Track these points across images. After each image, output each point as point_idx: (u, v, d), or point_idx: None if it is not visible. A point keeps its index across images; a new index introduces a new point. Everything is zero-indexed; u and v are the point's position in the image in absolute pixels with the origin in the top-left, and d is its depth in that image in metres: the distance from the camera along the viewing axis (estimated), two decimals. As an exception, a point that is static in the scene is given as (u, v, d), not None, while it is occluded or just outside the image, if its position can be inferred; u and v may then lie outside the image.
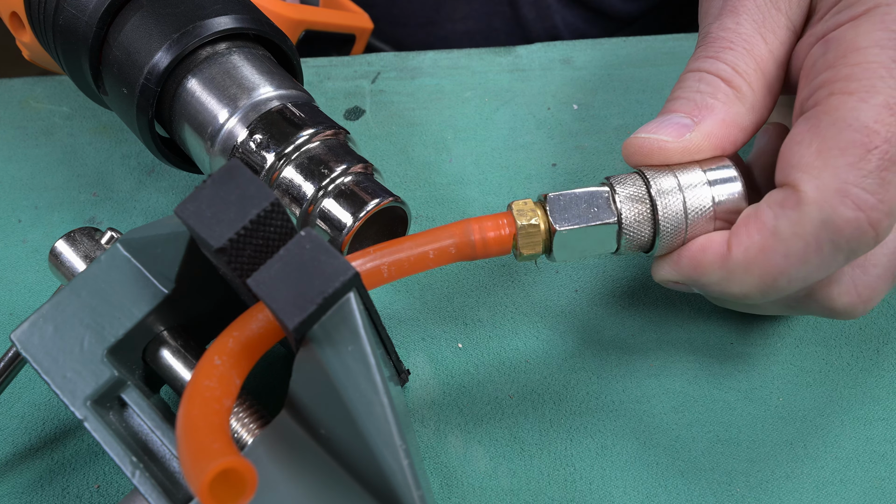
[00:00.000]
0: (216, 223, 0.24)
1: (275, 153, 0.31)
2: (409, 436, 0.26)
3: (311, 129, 0.32)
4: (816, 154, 0.28)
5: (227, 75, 0.33)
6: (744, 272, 0.29)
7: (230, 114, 0.32)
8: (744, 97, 0.31)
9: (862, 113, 0.27)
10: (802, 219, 0.27)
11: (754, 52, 0.31)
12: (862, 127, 0.27)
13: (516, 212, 0.30)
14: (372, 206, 0.31)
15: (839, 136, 0.27)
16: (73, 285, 0.28)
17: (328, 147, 0.32)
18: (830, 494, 0.33)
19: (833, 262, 0.28)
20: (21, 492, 0.33)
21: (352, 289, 0.24)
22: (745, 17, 0.31)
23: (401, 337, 0.36)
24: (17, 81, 0.44)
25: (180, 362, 0.29)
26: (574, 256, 0.31)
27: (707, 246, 0.30)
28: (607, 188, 0.31)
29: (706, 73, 0.31)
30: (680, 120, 0.31)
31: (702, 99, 0.31)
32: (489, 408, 0.35)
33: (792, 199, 0.28)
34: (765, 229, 0.28)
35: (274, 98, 0.33)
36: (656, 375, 0.36)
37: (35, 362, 0.27)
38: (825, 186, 0.27)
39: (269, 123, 0.32)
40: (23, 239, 0.39)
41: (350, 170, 0.31)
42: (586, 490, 0.33)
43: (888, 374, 0.36)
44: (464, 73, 0.45)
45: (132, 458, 0.26)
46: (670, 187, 0.30)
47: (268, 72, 0.33)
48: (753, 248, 0.29)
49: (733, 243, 0.29)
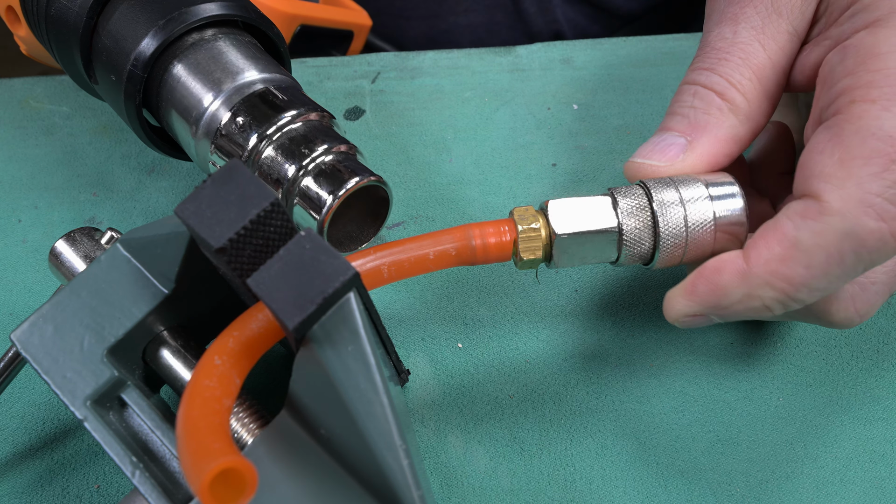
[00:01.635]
0: (216, 223, 0.24)
1: (257, 134, 0.31)
2: (409, 436, 0.26)
3: (294, 111, 0.32)
4: (839, 164, 0.27)
5: (212, 60, 0.33)
6: (765, 285, 0.28)
7: (214, 97, 0.32)
8: (738, 109, 0.31)
9: (886, 122, 0.27)
10: (825, 229, 0.27)
11: (751, 61, 0.31)
12: (886, 136, 0.27)
13: (517, 217, 0.30)
14: (352, 184, 0.31)
15: (862, 146, 0.27)
16: (73, 285, 0.28)
17: (310, 129, 0.32)
18: (830, 494, 0.33)
19: (853, 273, 0.28)
20: (21, 492, 0.33)
21: (352, 289, 0.24)
22: (743, 25, 0.32)
23: (401, 337, 0.36)
24: (17, 81, 0.44)
25: (180, 362, 0.29)
26: (574, 263, 0.31)
27: (721, 267, 0.29)
28: (609, 198, 0.31)
29: (700, 86, 0.32)
30: (674, 140, 0.31)
31: (695, 116, 0.31)
32: (489, 408, 0.35)
33: (813, 209, 0.27)
34: (785, 240, 0.28)
35: (258, 81, 0.33)
36: (656, 375, 0.36)
37: (35, 362, 0.27)
38: (849, 196, 0.27)
39: (252, 106, 0.32)
40: (23, 239, 0.39)
41: (331, 150, 0.31)
42: (586, 490, 0.33)
43: (888, 374, 0.36)
44: (464, 73, 0.45)
45: (132, 458, 0.26)
46: (672, 200, 0.30)
47: (253, 57, 0.34)
48: (774, 261, 0.28)
49: (752, 256, 0.28)
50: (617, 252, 0.31)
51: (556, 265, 0.31)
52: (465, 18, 0.58)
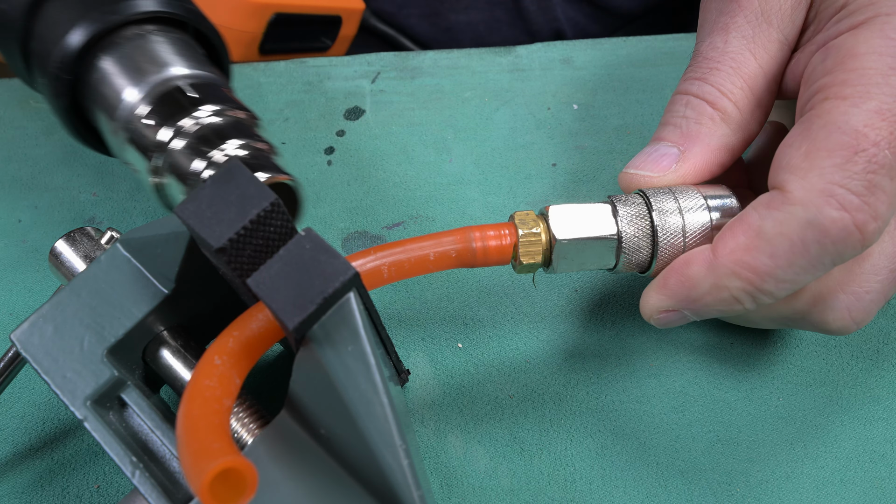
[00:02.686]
0: (216, 223, 0.24)
1: (171, 129, 0.30)
2: (409, 436, 0.26)
3: (214, 107, 0.31)
4: (804, 156, 0.28)
5: (135, 56, 0.32)
6: (731, 275, 0.29)
7: (133, 90, 0.32)
8: (729, 118, 0.32)
9: (852, 117, 0.27)
10: (787, 218, 0.27)
11: (742, 70, 0.32)
12: (851, 130, 0.27)
13: (518, 221, 0.30)
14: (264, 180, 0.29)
15: (828, 139, 0.27)
16: (73, 285, 0.28)
17: (227, 125, 0.31)
18: (830, 494, 0.33)
19: (820, 265, 0.28)
20: (21, 492, 0.33)
21: (352, 289, 0.24)
22: (734, 35, 0.32)
23: (401, 337, 0.36)
24: (17, 81, 0.44)
25: (180, 362, 0.29)
26: (572, 268, 0.31)
27: (690, 259, 0.30)
28: (609, 205, 0.31)
29: (692, 96, 0.32)
30: (667, 150, 0.32)
31: (687, 126, 0.32)
32: (489, 408, 0.35)
33: (778, 199, 0.28)
34: (749, 230, 0.28)
35: (180, 77, 0.32)
36: (656, 375, 0.36)
37: (35, 362, 0.27)
38: (811, 187, 0.27)
39: (171, 99, 0.31)
40: (23, 239, 0.39)
41: (246, 146, 0.30)
42: (586, 490, 0.33)
43: (888, 374, 0.36)
44: (464, 73, 0.45)
45: (132, 458, 0.26)
46: (671, 209, 0.31)
47: (180, 53, 0.33)
48: (739, 250, 0.28)
49: (718, 247, 0.29)
50: (615, 259, 0.31)
51: (555, 270, 0.31)
52: (465, 16, 0.58)
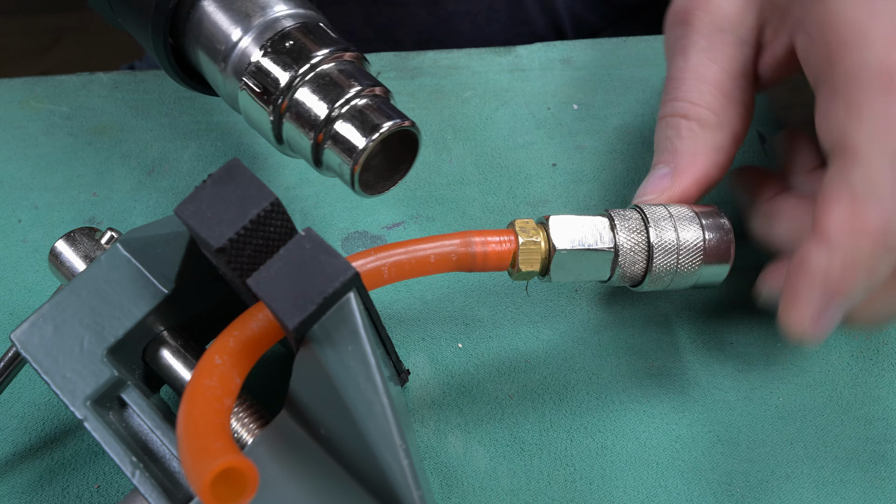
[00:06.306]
0: (216, 223, 0.24)
1: (289, 74, 0.31)
2: (409, 436, 0.26)
3: (325, 50, 0.31)
4: (847, 110, 0.27)
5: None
6: (853, 245, 0.27)
7: (243, 33, 0.31)
8: (706, 122, 0.33)
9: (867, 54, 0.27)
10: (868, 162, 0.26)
11: (706, 77, 0.33)
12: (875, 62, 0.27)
13: (519, 228, 0.31)
14: (386, 128, 0.30)
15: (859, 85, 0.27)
16: (73, 285, 0.28)
17: (342, 69, 0.31)
18: (830, 494, 0.33)
19: None
20: (21, 492, 0.33)
21: (352, 289, 0.24)
22: (691, 51, 0.34)
23: (401, 337, 0.36)
24: (17, 81, 0.44)
25: (180, 362, 0.29)
26: (568, 278, 0.32)
27: (801, 258, 0.28)
28: (607, 219, 0.32)
29: (669, 116, 0.34)
30: (661, 171, 0.34)
31: (671, 144, 0.34)
32: (489, 408, 0.35)
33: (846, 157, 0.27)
34: (841, 198, 0.27)
35: (288, 17, 0.32)
36: (656, 375, 0.36)
37: (35, 362, 0.27)
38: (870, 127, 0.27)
39: (283, 43, 0.31)
40: (23, 239, 0.39)
41: (364, 91, 0.30)
42: (586, 490, 0.33)
43: (888, 374, 0.36)
44: (464, 73, 0.45)
45: (132, 458, 0.26)
46: (666, 226, 0.31)
47: None
48: (845, 219, 0.27)
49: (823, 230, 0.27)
50: (610, 272, 0.32)
51: (551, 279, 0.31)
52: (464, 5, 0.59)
